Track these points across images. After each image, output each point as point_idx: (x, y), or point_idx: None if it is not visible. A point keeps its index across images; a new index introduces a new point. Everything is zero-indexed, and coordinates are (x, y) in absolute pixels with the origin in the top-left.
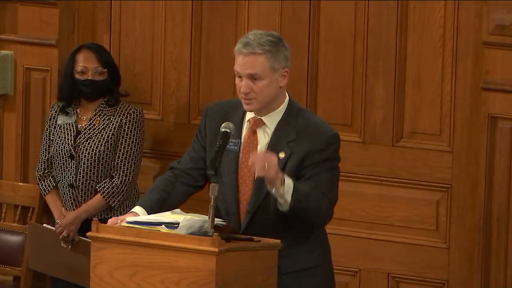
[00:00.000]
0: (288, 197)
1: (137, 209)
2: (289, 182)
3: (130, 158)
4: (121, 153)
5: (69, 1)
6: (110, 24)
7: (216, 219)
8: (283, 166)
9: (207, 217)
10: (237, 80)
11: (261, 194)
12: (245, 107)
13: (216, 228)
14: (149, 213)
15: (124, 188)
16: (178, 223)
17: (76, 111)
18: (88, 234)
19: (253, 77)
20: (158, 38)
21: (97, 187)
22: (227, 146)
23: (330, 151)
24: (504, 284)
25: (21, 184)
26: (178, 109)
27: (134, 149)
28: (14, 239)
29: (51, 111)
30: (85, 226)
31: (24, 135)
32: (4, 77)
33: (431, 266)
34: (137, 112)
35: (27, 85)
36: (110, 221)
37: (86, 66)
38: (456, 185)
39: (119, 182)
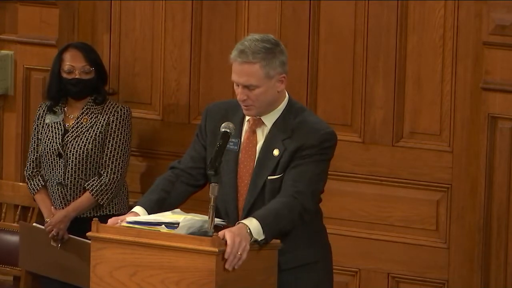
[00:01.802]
0: (261, 235)
1: (137, 209)
2: (254, 225)
3: (118, 156)
4: (109, 151)
5: (69, 1)
6: (110, 24)
7: (216, 219)
8: (276, 164)
9: (207, 217)
10: (235, 86)
11: (256, 190)
12: (244, 112)
13: (216, 228)
14: (149, 213)
15: (113, 186)
16: (178, 223)
17: (64, 109)
18: (88, 234)
19: (248, 87)
20: (158, 38)
21: (85, 185)
22: (227, 145)
23: (322, 147)
24: (504, 284)
25: (21, 184)
26: (178, 109)
27: (122, 147)
28: (14, 239)
29: (38, 110)
30: (74, 224)
31: (24, 135)
32: (4, 77)
33: (431, 266)
34: (124, 110)
35: (27, 85)
36: (110, 221)
37: (73, 65)
38: (456, 185)
39: (107, 180)
